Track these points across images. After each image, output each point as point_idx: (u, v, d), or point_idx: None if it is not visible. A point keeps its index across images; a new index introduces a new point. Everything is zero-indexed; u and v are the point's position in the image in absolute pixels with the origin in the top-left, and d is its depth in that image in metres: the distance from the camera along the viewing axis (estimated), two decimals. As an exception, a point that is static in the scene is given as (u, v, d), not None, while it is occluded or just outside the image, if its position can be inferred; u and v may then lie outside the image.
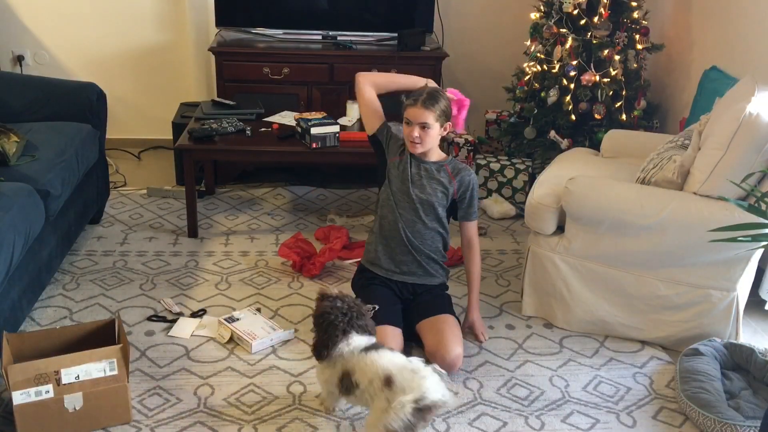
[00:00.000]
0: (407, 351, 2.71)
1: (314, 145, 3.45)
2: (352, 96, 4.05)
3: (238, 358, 2.70)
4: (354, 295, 2.92)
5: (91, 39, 4.46)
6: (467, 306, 2.90)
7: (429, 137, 2.70)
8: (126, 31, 4.46)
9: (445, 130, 2.75)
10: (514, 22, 4.49)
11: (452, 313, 2.79)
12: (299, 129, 3.54)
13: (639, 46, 3.94)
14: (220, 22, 4.25)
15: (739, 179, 2.53)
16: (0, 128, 3.01)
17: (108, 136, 3.72)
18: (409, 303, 2.83)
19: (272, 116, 3.84)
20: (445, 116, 2.72)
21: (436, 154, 2.81)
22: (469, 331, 2.89)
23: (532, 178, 4.00)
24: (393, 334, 2.65)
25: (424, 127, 2.68)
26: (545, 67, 4.04)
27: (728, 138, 2.64)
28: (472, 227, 2.85)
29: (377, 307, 2.69)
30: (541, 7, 4.07)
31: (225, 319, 2.83)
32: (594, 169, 3.18)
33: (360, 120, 3.86)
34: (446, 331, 2.66)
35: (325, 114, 3.63)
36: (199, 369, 2.63)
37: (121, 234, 3.60)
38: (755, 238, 2.04)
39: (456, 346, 2.63)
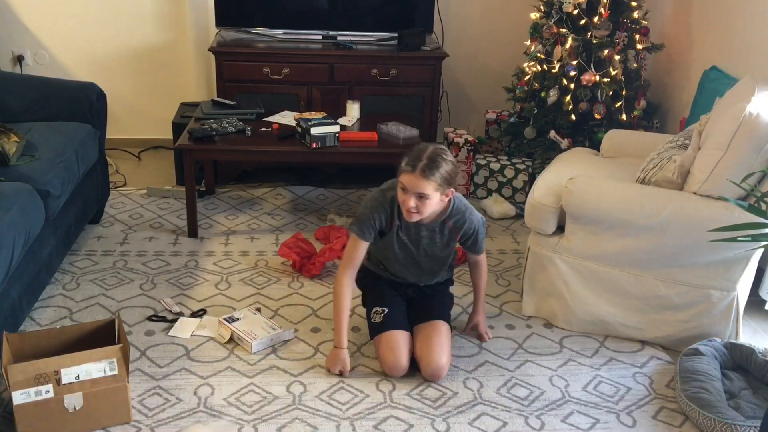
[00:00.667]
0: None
1: (314, 145, 3.45)
2: (352, 96, 4.06)
3: (238, 358, 2.70)
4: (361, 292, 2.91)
5: (91, 39, 4.45)
6: (472, 311, 2.91)
7: (427, 207, 2.44)
8: (126, 31, 4.46)
9: (446, 196, 2.50)
10: (514, 22, 4.49)
11: (446, 318, 2.75)
12: (299, 129, 3.54)
13: (639, 46, 3.93)
14: (220, 22, 4.25)
15: (739, 179, 2.53)
16: (0, 128, 3.02)
17: (108, 136, 3.72)
18: (411, 301, 2.82)
19: (272, 116, 3.83)
20: (447, 183, 2.44)
21: (437, 212, 2.57)
22: (472, 331, 2.89)
23: (532, 178, 4.00)
24: (403, 339, 2.64)
25: (421, 197, 2.42)
26: (545, 67, 4.04)
27: (728, 138, 2.64)
28: (479, 256, 2.78)
29: (386, 310, 2.69)
30: (541, 7, 4.06)
31: (225, 319, 2.83)
32: (594, 169, 3.18)
33: (359, 120, 3.87)
34: (434, 341, 2.62)
35: (325, 114, 3.63)
36: (199, 369, 2.63)
37: (121, 234, 3.60)
38: (755, 238, 2.04)
39: (440, 357, 2.58)
